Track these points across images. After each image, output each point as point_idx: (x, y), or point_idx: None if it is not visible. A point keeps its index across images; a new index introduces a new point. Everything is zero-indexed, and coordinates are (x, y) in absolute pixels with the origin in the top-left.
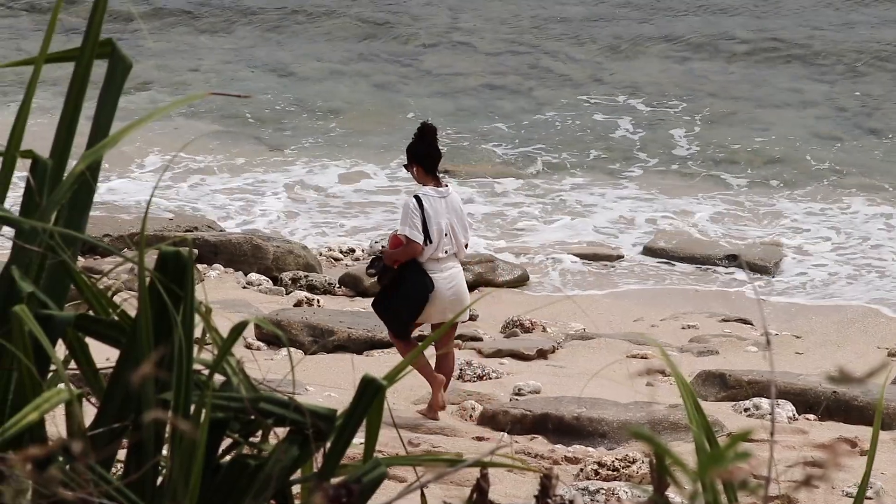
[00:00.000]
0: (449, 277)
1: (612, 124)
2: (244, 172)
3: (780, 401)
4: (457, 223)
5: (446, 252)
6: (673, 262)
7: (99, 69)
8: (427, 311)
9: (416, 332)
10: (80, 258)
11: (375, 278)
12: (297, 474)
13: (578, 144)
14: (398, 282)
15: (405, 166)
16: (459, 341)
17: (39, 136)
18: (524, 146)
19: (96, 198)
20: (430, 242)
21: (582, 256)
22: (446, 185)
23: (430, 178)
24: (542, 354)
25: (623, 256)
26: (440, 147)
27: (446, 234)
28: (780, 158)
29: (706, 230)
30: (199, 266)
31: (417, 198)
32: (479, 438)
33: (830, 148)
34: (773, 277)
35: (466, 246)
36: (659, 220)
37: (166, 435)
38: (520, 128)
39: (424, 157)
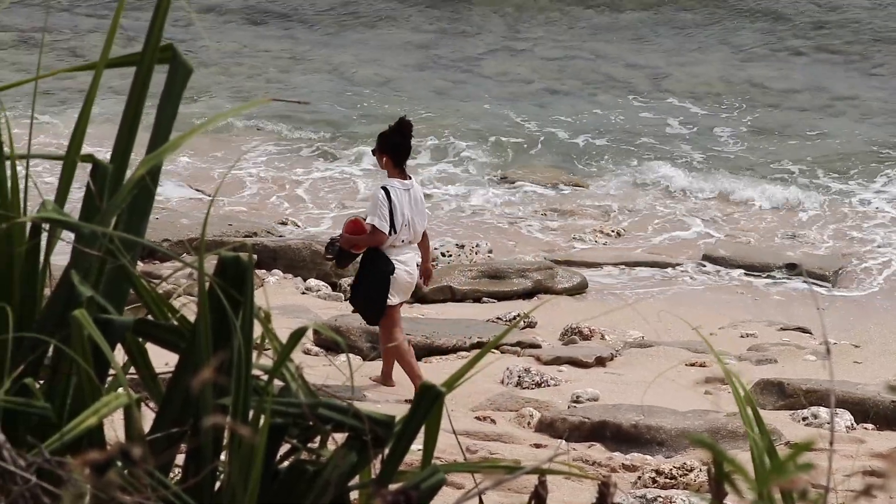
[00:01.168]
0: (406, 262)
1: (670, 131)
2: (303, 178)
3: (838, 410)
4: (417, 214)
5: (403, 240)
6: (732, 270)
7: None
8: (390, 293)
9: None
10: (139, 263)
11: (332, 262)
12: (356, 480)
13: (635, 149)
14: (362, 270)
15: (373, 151)
16: (518, 348)
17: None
18: (582, 151)
19: (155, 202)
20: (395, 232)
21: (640, 264)
22: (410, 178)
23: (397, 171)
24: (600, 362)
25: (682, 264)
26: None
27: (406, 225)
28: (840, 165)
29: (766, 238)
30: (259, 271)
31: (386, 189)
32: (537, 445)
33: (889, 154)
34: (833, 286)
35: (424, 234)
36: (718, 229)
37: (224, 440)
38: (578, 133)
39: (397, 150)
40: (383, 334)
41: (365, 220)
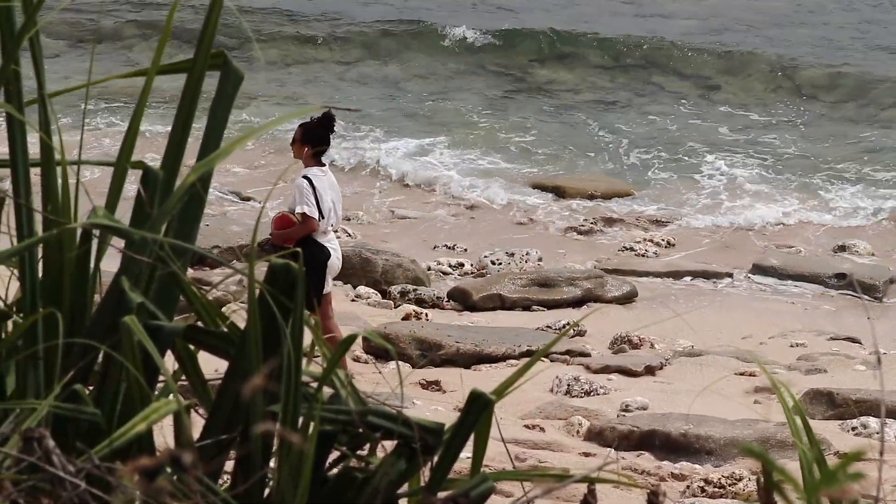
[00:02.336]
0: (335, 248)
1: (721, 140)
2: (353, 184)
3: (888, 420)
4: (337, 199)
5: (331, 225)
6: (782, 280)
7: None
8: (326, 279)
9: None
10: (189, 269)
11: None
12: (405, 488)
13: (686, 158)
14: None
15: (292, 142)
16: (568, 356)
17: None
18: (633, 160)
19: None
20: (323, 218)
21: (690, 273)
22: (325, 165)
23: (314, 161)
24: (649, 371)
25: (732, 273)
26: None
27: (331, 210)
28: (893, 176)
29: (816, 248)
30: None
31: (307, 178)
32: (586, 454)
33: None
34: (883, 296)
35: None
36: (769, 238)
37: (274, 447)
38: (629, 141)
39: (319, 141)
40: (323, 321)
41: (292, 212)
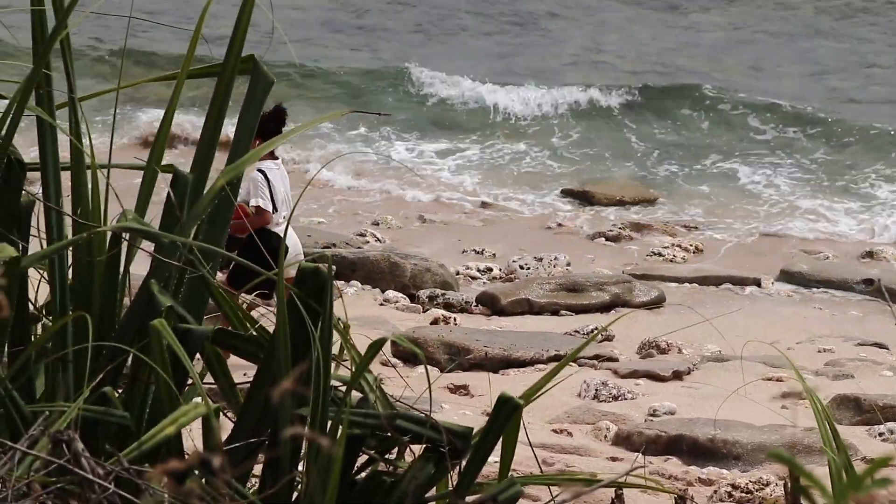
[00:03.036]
0: (288, 236)
1: (750, 146)
2: (384, 189)
3: None
4: (288, 192)
5: (283, 217)
6: (810, 285)
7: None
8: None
9: None
10: (218, 272)
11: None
12: (433, 492)
13: (715, 164)
14: (249, 252)
15: None
16: (596, 361)
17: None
18: (661, 166)
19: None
20: (276, 210)
21: (718, 279)
22: (278, 158)
23: (267, 155)
24: (677, 376)
25: (759, 279)
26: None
27: (284, 202)
28: None
29: (844, 253)
30: (337, 282)
31: (262, 171)
32: (614, 459)
33: None
34: None
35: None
36: (795, 244)
37: (303, 450)
38: (657, 147)
39: (272, 135)
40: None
41: (247, 204)
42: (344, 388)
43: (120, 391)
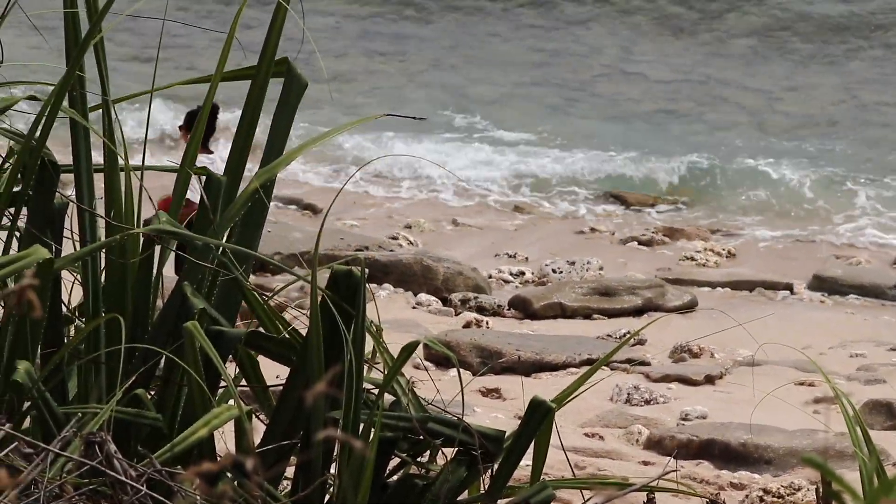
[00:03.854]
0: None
1: (783, 152)
2: (413, 192)
3: None
4: None
5: None
6: (842, 290)
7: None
8: None
9: None
10: (251, 275)
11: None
12: (465, 495)
13: (748, 169)
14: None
15: (180, 127)
16: (628, 365)
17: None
18: (695, 170)
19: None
20: None
21: (751, 283)
22: (212, 152)
23: (202, 149)
24: (709, 380)
25: (792, 284)
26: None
27: None
28: None
29: (877, 259)
30: (369, 285)
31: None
32: (645, 463)
33: None
34: None
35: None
36: (828, 249)
37: (335, 453)
38: (691, 152)
39: (206, 129)
40: None
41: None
42: (376, 391)
43: (152, 393)
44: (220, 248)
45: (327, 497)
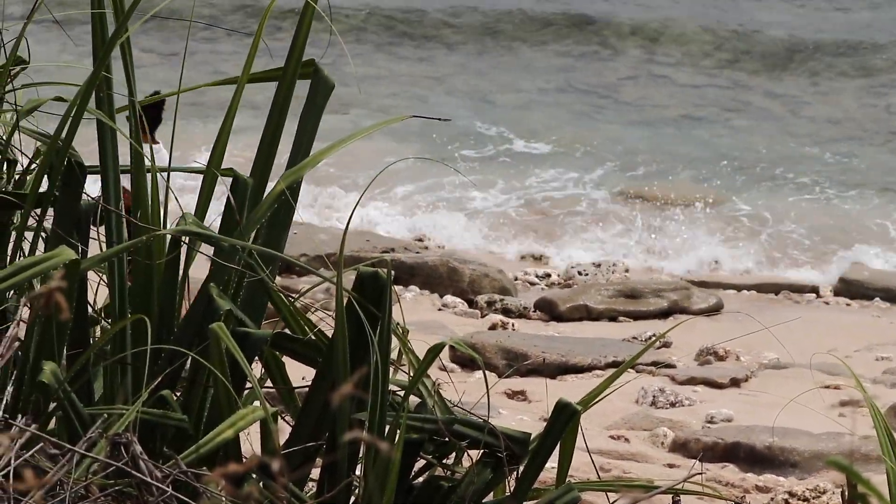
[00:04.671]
0: None
1: (809, 155)
2: (441, 195)
3: None
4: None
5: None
6: (869, 293)
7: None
8: None
9: None
10: (277, 277)
11: None
12: (490, 497)
13: (775, 171)
14: None
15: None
16: (653, 367)
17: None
18: (721, 173)
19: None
20: None
21: (777, 286)
22: (158, 142)
23: (146, 138)
24: (735, 383)
25: (818, 287)
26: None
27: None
28: None
29: None
30: (395, 287)
31: None
32: (671, 465)
33: None
34: None
35: None
36: (855, 252)
37: (360, 455)
38: (717, 155)
39: (151, 122)
40: None
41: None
42: (402, 393)
43: (178, 394)
44: (247, 250)
45: (353, 498)
